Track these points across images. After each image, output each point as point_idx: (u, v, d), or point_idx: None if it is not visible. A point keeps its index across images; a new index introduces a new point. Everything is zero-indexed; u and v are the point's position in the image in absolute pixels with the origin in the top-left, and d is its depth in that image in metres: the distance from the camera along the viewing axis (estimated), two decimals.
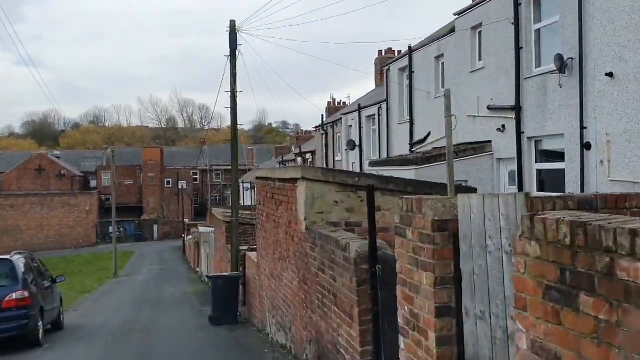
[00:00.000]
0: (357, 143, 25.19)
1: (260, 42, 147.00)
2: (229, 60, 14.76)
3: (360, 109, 25.28)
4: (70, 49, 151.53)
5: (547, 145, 12.89)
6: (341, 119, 27.99)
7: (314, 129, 35.65)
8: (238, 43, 15.10)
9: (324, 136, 30.76)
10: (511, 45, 13.11)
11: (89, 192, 74.44)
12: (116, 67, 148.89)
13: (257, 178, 11.91)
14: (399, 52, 26.11)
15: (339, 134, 28.91)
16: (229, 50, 15.06)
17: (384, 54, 29.93)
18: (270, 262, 10.91)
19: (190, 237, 45.76)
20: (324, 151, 30.75)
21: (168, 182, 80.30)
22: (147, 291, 27.47)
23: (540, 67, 12.71)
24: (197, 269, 35.83)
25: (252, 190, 59.44)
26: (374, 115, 23.77)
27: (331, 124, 30.13)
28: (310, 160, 34.27)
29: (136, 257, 53.69)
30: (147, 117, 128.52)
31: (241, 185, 66.33)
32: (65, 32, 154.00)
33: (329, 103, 39.51)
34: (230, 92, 15.29)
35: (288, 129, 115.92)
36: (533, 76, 12.73)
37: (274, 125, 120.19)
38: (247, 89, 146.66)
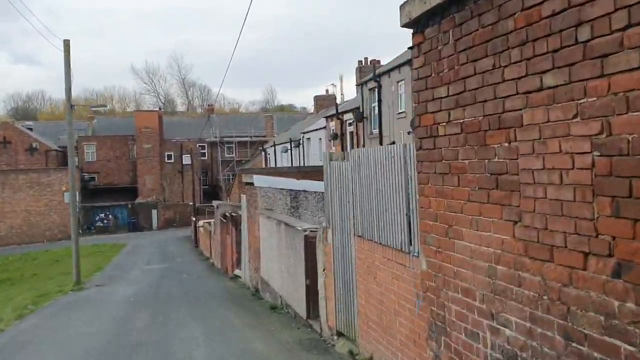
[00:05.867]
0: None
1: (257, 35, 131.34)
2: None
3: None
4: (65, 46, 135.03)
5: None
6: None
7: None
8: None
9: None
10: None
11: (65, 168, 56.98)
12: (111, 64, 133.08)
13: None
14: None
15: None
16: None
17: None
18: None
19: (211, 220, 28.57)
20: None
21: (169, 157, 63.07)
22: (121, 354, 9.89)
23: None
24: (237, 271, 18.50)
25: (290, 151, 42.43)
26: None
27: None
28: None
29: (127, 252, 36.74)
30: (144, 88, 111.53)
31: (273, 148, 49.27)
32: (61, 29, 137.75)
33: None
34: None
35: (296, 109, 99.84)
36: None
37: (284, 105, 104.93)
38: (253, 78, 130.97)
